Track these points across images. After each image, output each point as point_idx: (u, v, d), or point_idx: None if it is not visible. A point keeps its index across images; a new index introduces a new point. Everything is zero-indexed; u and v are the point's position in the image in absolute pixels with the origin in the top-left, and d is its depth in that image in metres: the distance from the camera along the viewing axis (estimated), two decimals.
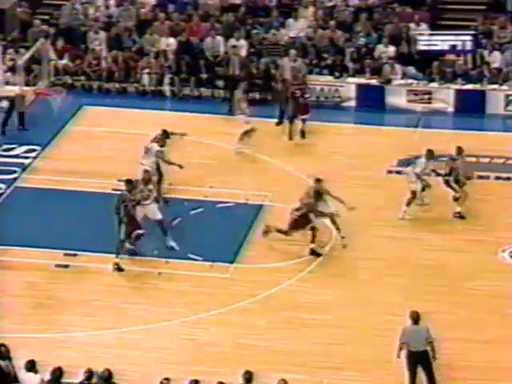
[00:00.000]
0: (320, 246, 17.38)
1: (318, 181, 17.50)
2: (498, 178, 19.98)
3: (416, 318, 13.84)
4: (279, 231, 17.43)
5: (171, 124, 20.82)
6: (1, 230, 17.91)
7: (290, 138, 21.22)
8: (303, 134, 21.26)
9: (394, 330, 15.12)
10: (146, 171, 17.85)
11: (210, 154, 20.48)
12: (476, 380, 14.23)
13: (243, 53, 23.60)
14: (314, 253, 17.29)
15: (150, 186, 17.52)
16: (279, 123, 21.93)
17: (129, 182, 17.19)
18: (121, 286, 16.64)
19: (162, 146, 18.61)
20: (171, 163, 18.61)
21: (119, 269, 16.91)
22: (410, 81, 23.13)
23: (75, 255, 17.27)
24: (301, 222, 17.26)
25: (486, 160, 20.58)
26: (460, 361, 14.14)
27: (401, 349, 13.79)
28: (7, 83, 22.71)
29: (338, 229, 17.52)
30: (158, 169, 18.58)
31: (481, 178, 19.92)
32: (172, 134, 19.12)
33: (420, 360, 13.74)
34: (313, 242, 17.36)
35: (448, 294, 16.07)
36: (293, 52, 22.70)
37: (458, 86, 22.77)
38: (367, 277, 16.66)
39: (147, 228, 17.31)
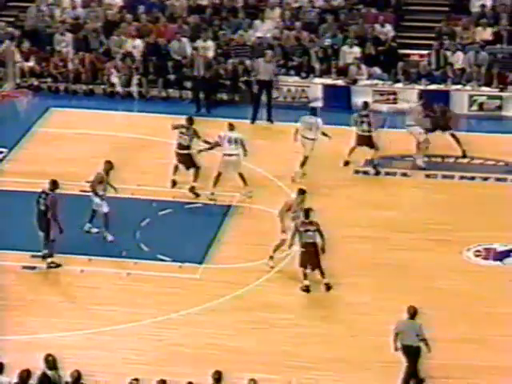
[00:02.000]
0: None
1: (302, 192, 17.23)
2: (462, 177, 20.12)
3: (413, 314, 13.93)
4: None
5: (139, 125, 20.80)
6: None
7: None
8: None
9: (361, 329, 15.24)
10: (98, 173, 17.76)
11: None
12: (441, 378, 14.29)
13: (210, 54, 23.59)
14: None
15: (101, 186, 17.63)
16: (253, 122, 22.01)
17: (53, 182, 17.01)
18: (89, 287, 16.54)
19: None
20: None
21: (57, 265, 16.83)
22: (375, 81, 23.24)
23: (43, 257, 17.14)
24: None
25: (451, 160, 20.72)
26: (424, 359, 14.21)
27: (395, 340, 13.88)
28: None
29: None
30: None
31: (445, 177, 20.07)
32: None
33: (407, 354, 13.81)
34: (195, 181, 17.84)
35: (413, 293, 16.14)
36: (269, 53, 22.69)
37: (422, 87, 22.90)
38: (334, 277, 16.68)
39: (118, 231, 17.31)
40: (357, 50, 23.52)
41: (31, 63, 24.05)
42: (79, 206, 18.18)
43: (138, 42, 24.04)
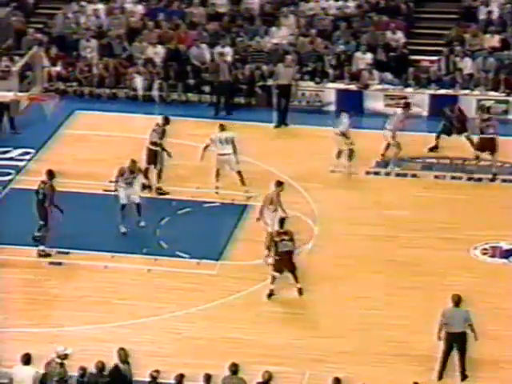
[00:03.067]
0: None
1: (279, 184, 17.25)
2: (470, 178, 20.03)
3: (457, 301, 13.90)
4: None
5: None
6: None
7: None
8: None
9: (372, 323, 15.21)
10: (132, 161, 17.93)
11: (197, 156, 20.43)
12: (448, 370, 14.22)
13: (228, 59, 23.59)
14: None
15: (135, 174, 17.76)
16: (279, 126, 22.07)
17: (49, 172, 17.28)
18: (111, 282, 16.57)
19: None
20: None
21: (46, 254, 16.95)
22: (386, 86, 23.18)
23: (67, 253, 17.21)
24: None
25: (459, 162, 20.63)
26: (434, 353, 14.16)
27: (440, 330, 13.83)
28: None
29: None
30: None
31: (453, 178, 19.98)
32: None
33: (457, 341, 13.78)
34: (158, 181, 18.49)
35: (423, 290, 16.09)
36: (289, 57, 22.66)
37: (432, 91, 22.83)
38: (346, 274, 16.64)
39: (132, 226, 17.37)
40: (369, 56, 23.47)
41: (58, 68, 24.13)
42: (102, 205, 18.23)
43: (159, 48, 24.07)
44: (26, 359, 13.03)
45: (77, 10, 25.36)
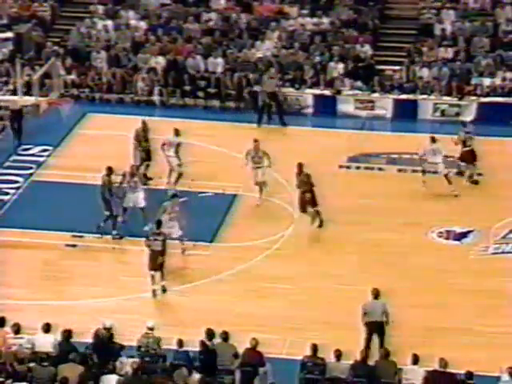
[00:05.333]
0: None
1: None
2: (424, 171, 19.91)
3: (376, 294, 13.78)
4: None
5: (160, 128, 20.62)
6: (20, 216, 17.72)
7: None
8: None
9: (341, 296, 15.13)
10: (132, 165, 17.58)
11: (194, 153, 20.27)
12: (408, 337, 14.11)
13: (220, 69, 23.45)
14: None
15: (136, 178, 17.35)
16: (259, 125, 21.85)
17: (108, 168, 17.11)
18: (120, 262, 16.48)
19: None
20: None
21: (120, 237, 16.85)
22: (356, 91, 23.07)
23: (82, 237, 17.07)
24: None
25: (417, 157, 20.56)
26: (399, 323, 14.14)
27: (363, 318, 13.70)
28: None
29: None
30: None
31: (413, 171, 19.91)
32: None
33: (376, 329, 13.65)
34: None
35: (387, 268, 16.03)
36: (272, 70, 22.48)
37: (395, 96, 22.77)
38: (324, 254, 16.56)
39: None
40: (341, 65, 23.36)
41: (72, 76, 23.91)
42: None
43: (160, 59, 23.88)
44: (46, 328, 12.94)
45: (89, 26, 25.13)
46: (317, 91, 23.09)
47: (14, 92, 22.37)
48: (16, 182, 19.26)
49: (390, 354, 12.63)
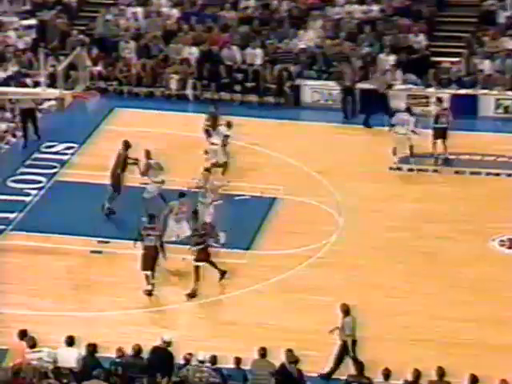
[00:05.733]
0: None
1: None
2: (488, 173, 19.88)
3: (347, 310, 13.81)
4: None
5: (193, 125, 20.84)
6: (42, 219, 18.03)
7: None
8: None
9: (395, 310, 15.14)
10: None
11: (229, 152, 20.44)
12: (467, 355, 14.17)
13: (259, 61, 23.59)
14: None
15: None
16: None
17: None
18: None
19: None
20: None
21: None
22: (409, 86, 23.02)
23: (107, 242, 17.28)
24: None
25: (478, 157, 20.47)
26: (452, 338, 14.11)
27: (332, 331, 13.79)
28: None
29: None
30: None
31: (473, 173, 19.84)
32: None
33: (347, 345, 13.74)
34: None
35: (441, 278, 16.00)
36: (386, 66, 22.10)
37: (452, 91, 22.66)
38: (371, 263, 16.59)
39: None
40: (392, 57, 23.33)
41: (99, 68, 24.24)
42: (139, 197, 18.29)
43: (194, 50, 24.11)
44: (70, 341, 13.13)
45: (117, 13, 25.46)
46: (366, 85, 23.10)
47: (36, 84, 22.76)
48: (38, 181, 19.59)
49: (445, 373, 12.63)
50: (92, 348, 13.00)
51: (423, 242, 17.23)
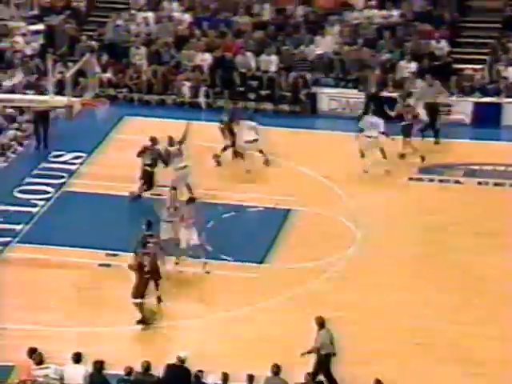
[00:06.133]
0: None
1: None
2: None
3: (322, 323, 13.78)
4: None
5: (206, 133, 20.93)
6: (50, 231, 18.12)
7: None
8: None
9: (418, 328, 15.03)
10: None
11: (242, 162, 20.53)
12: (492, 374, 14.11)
13: (274, 68, 23.68)
14: None
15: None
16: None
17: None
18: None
19: None
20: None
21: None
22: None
23: (116, 255, 17.34)
24: None
25: (502, 168, 20.45)
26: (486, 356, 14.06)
27: (310, 352, 13.72)
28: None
29: None
30: None
31: (496, 184, 19.80)
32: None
33: (330, 361, 13.69)
34: None
35: (470, 295, 15.92)
36: (429, 76, 21.62)
37: (475, 99, 22.65)
38: (391, 278, 16.54)
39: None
40: (413, 64, 23.35)
41: (109, 74, 24.41)
42: (149, 209, 18.36)
43: (207, 56, 24.23)
44: (77, 358, 13.18)
45: (127, 18, 25.65)
46: (384, 93, 23.12)
47: (43, 91, 22.93)
48: (46, 192, 19.73)
49: None
50: (99, 365, 13.05)
51: (448, 255, 17.17)
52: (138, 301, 15.33)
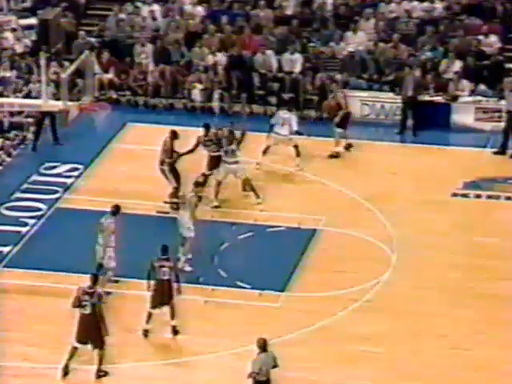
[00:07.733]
0: None
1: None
2: None
3: (263, 346, 13.97)
4: None
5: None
6: (41, 253, 18.27)
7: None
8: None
9: (458, 364, 15.12)
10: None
11: (262, 175, 20.72)
12: None
13: (298, 68, 23.88)
14: None
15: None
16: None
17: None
18: (163, 314, 16.78)
19: None
20: None
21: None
22: (478, 98, 23.16)
23: (117, 281, 17.53)
24: None
25: None
26: None
27: (250, 377, 13.95)
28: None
29: None
30: None
31: None
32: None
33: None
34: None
35: None
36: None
37: None
38: (428, 308, 16.70)
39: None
40: (458, 63, 23.51)
41: (110, 75, 24.58)
42: (154, 229, 18.59)
43: (221, 55, 24.42)
44: None
45: (131, 12, 25.89)
46: (425, 97, 23.28)
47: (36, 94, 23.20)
48: (37, 209, 19.94)
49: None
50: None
51: (493, 283, 17.30)
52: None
